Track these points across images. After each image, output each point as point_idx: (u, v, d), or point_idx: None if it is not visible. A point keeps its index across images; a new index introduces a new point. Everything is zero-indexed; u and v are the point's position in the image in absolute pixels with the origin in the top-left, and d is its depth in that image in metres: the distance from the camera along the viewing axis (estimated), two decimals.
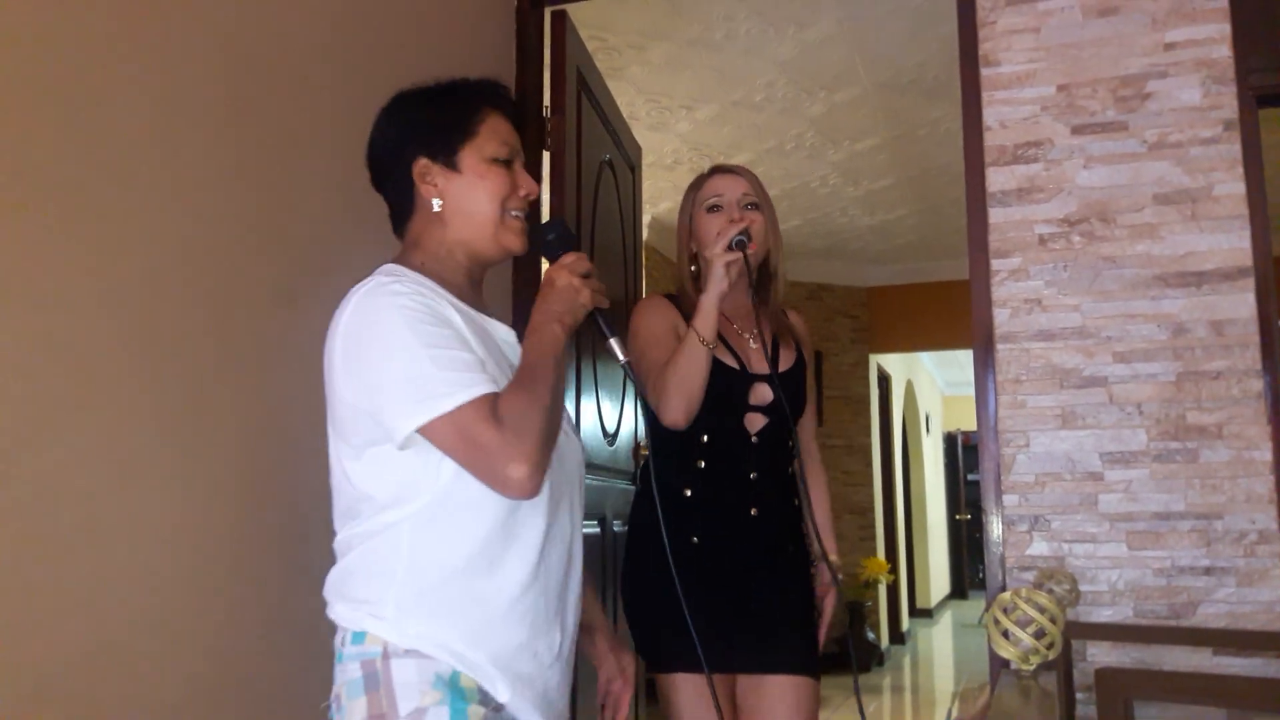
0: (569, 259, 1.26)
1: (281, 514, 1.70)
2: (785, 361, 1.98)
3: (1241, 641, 2.04)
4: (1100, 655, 2.13)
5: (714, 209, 1.95)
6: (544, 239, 1.32)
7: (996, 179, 2.34)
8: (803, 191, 5.65)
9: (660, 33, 3.74)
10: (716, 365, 1.86)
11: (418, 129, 1.35)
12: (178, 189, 1.53)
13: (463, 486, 1.19)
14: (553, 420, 1.17)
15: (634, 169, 3.42)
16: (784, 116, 4.59)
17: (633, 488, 2.89)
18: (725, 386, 1.86)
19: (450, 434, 1.14)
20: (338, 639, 1.24)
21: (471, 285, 1.37)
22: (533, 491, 1.14)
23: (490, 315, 1.36)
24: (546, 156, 2.74)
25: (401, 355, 1.17)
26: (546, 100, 2.75)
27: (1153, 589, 2.13)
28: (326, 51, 1.91)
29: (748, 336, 1.97)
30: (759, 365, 1.93)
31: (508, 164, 1.34)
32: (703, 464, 1.87)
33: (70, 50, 1.36)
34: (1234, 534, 2.10)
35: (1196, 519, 2.12)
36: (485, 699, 1.20)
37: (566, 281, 1.23)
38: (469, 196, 1.32)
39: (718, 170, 2.02)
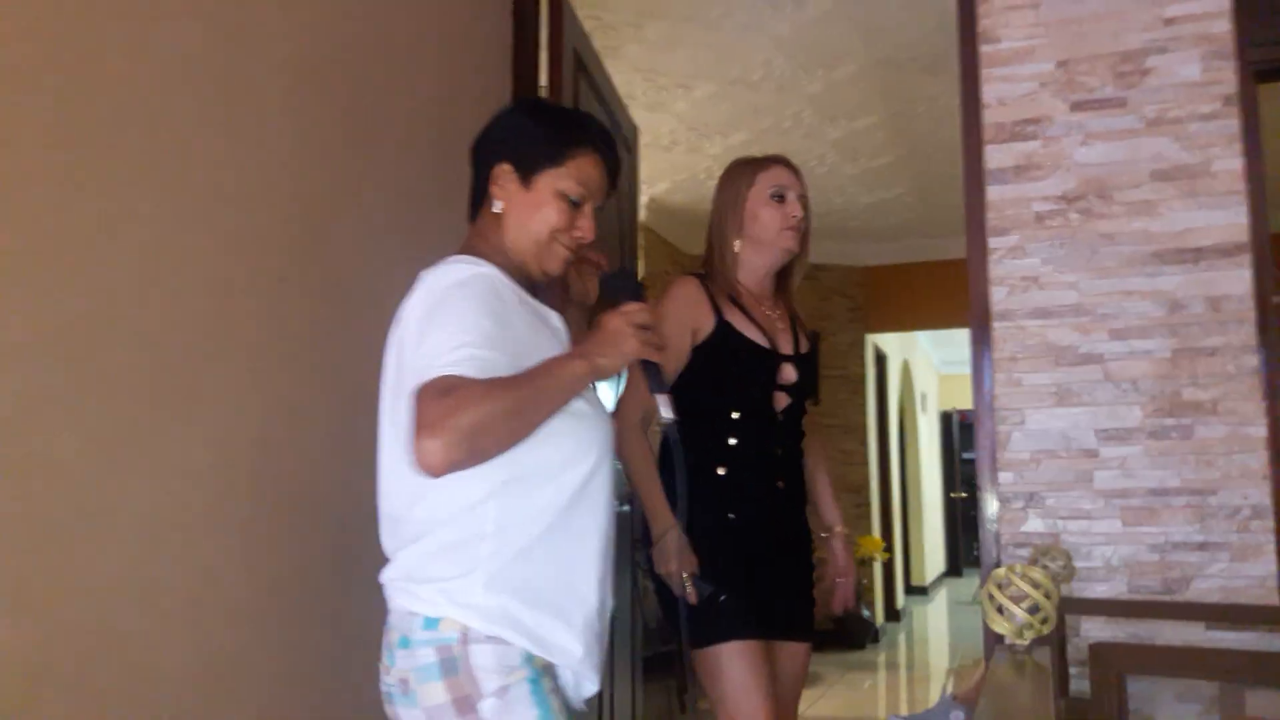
0: (630, 307, 1.28)
1: (287, 502, 1.71)
2: (803, 345, 2.07)
3: (1234, 616, 2.06)
4: (1094, 630, 2.15)
5: (778, 198, 2.02)
6: (608, 284, 1.36)
7: (994, 156, 2.33)
8: (800, 170, 5.63)
9: (657, 11, 3.71)
10: (749, 344, 1.94)
11: (516, 135, 1.43)
12: (174, 176, 1.52)
13: (541, 458, 1.26)
14: (501, 425, 1.16)
15: (631, 149, 3.40)
16: (782, 94, 4.57)
17: None
18: (757, 365, 1.94)
19: (415, 393, 1.18)
20: (402, 625, 1.26)
21: (524, 280, 1.42)
22: (433, 469, 1.13)
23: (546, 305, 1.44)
24: None
25: (448, 327, 1.22)
26: (544, 80, 2.73)
27: (1147, 564, 2.15)
28: (317, 35, 1.90)
29: (775, 317, 2.04)
30: (785, 346, 2.01)
31: (577, 204, 1.40)
32: (734, 441, 1.91)
33: (72, 43, 1.35)
34: (1228, 509, 2.11)
35: (1191, 495, 2.14)
36: (551, 670, 1.29)
37: (615, 326, 1.26)
38: (527, 215, 1.39)
39: (779, 161, 2.09)
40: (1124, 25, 2.26)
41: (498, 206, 1.40)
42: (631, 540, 2.87)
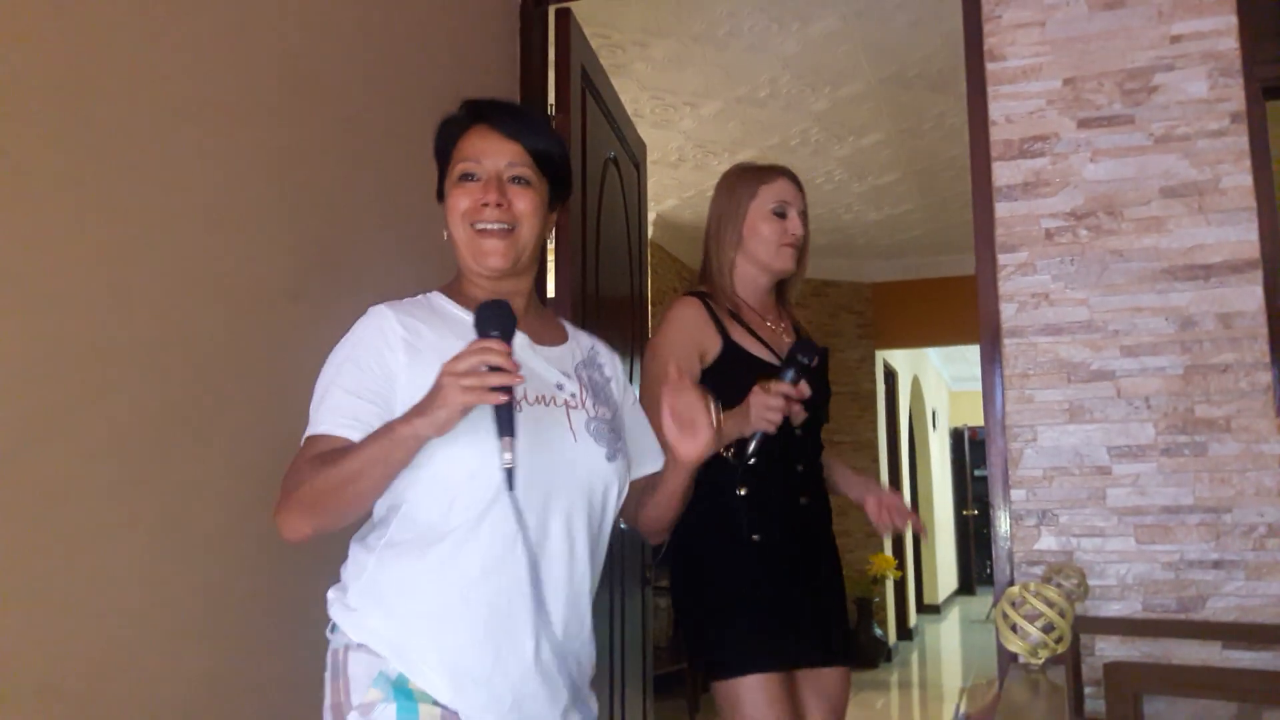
0: (468, 348, 1.13)
1: None
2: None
3: (1251, 635, 2.04)
4: (1109, 649, 2.13)
5: (779, 214, 1.98)
6: (477, 316, 1.20)
7: (1003, 173, 2.33)
8: (808, 187, 5.58)
9: (664, 29, 3.74)
10: (758, 363, 1.89)
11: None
12: (185, 187, 1.53)
13: (416, 491, 1.24)
14: (329, 500, 1.18)
15: (638, 166, 3.41)
16: (788, 112, 4.58)
17: None
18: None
19: None
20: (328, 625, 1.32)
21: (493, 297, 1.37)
22: (289, 539, 1.21)
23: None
24: None
25: (322, 379, 1.30)
26: (551, 98, 2.75)
27: (1161, 583, 2.13)
28: (326, 52, 1.92)
29: (779, 330, 2.01)
30: None
31: (472, 178, 1.33)
32: (754, 460, 1.81)
33: (77, 50, 1.37)
34: (1243, 527, 2.09)
35: (1205, 512, 2.12)
36: (438, 701, 1.20)
37: (439, 382, 1.12)
38: (449, 224, 1.35)
39: (785, 174, 2.03)
40: (1131, 43, 2.26)
41: (446, 235, 1.36)
42: (642, 560, 2.86)
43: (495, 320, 1.18)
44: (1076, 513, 2.20)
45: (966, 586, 12.16)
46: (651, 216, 5.74)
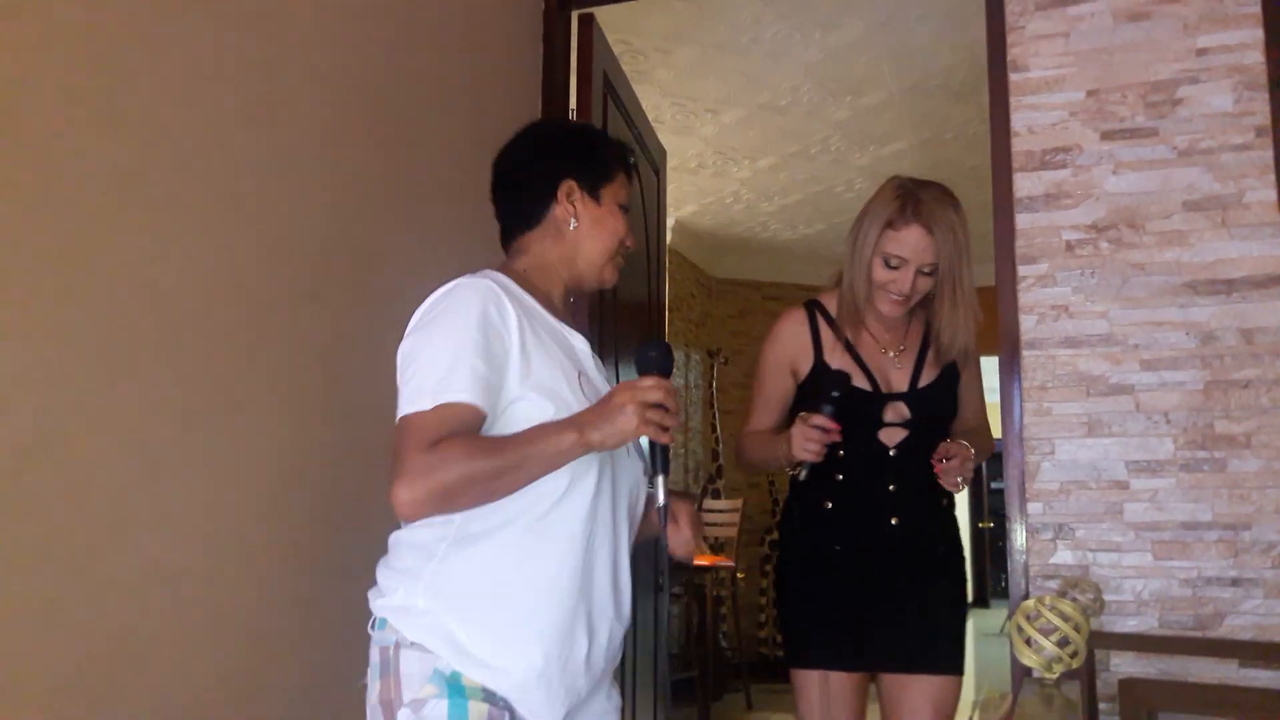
0: (645, 382, 1.23)
1: (309, 508, 1.72)
2: (929, 375, 1.96)
3: (1269, 654, 2.02)
4: (1124, 665, 2.11)
5: (893, 266, 1.88)
6: (644, 355, 1.29)
7: (1024, 184, 2.32)
8: (828, 196, 5.63)
9: (686, 36, 3.74)
10: (851, 388, 1.90)
11: (574, 154, 1.46)
12: (207, 187, 1.55)
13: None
14: (476, 489, 1.19)
15: (658, 172, 3.42)
16: (810, 120, 4.58)
17: None
18: (859, 408, 1.90)
19: (400, 425, 1.22)
20: (370, 621, 1.31)
21: (561, 300, 1.47)
22: (405, 516, 1.21)
23: (571, 328, 1.44)
24: None
25: (437, 345, 1.25)
26: (573, 103, 2.76)
27: (1178, 599, 2.11)
28: (348, 55, 1.93)
29: (892, 354, 1.97)
30: (898, 383, 1.95)
31: (627, 212, 1.48)
32: (841, 477, 1.93)
33: (105, 55, 1.38)
34: (1262, 545, 2.07)
35: (1224, 529, 2.10)
36: (490, 697, 1.22)
37: (620, 401, 1.21)
38: (598, 227, 1.44)
39: (913, 220, 1.88)
40: (1155, 55, 2.25)
41: (572, 224, 1.42)
42: (655, 566, 2.86)
43: (663, 363, 1.28)
44: (1093, 527, 2.19)
45: (981, 599, 12.04)
46: (670, 222, 5.74)
